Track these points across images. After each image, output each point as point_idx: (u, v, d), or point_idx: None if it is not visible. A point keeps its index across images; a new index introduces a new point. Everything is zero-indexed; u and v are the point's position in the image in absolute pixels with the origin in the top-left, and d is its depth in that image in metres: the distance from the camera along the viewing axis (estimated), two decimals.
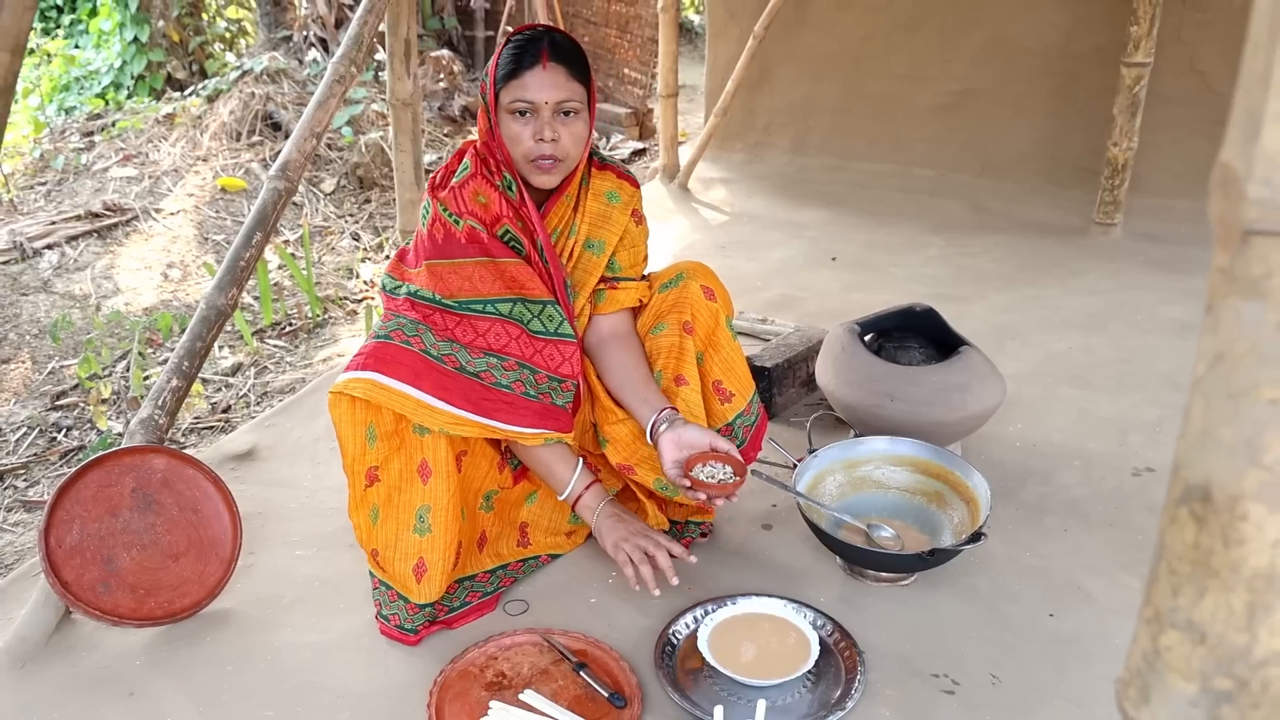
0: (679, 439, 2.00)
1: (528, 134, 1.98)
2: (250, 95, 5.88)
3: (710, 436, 2.00)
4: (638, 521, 2.09)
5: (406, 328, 1.95)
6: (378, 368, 1.90)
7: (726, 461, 1.99)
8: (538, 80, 1.96)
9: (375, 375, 1.89)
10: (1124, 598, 2.16)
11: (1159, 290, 3.84)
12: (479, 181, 2.04)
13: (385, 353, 1.91)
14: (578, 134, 2.03)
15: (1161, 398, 3.02)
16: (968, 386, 2.49)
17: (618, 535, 2.05)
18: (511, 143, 2.00)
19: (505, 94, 1.98)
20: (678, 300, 2.19)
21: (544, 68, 1.96)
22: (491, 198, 2.04)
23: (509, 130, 2.00)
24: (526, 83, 1.96)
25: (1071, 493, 2.55)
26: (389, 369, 1.89)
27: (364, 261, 4.97)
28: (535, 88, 1.96)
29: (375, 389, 1.88)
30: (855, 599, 2.16)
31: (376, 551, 2.01)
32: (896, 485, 2.39)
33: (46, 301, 4.37)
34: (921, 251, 4.39)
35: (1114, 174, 4.29)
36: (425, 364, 1.91)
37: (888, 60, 5.20)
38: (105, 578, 2.07)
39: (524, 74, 1.96)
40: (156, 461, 2.19)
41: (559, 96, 1.98)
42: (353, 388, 1.88)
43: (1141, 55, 4.04)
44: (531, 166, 2.02)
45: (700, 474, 1.97)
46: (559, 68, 1.98)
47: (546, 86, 1.96)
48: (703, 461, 1.98)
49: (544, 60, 1.96)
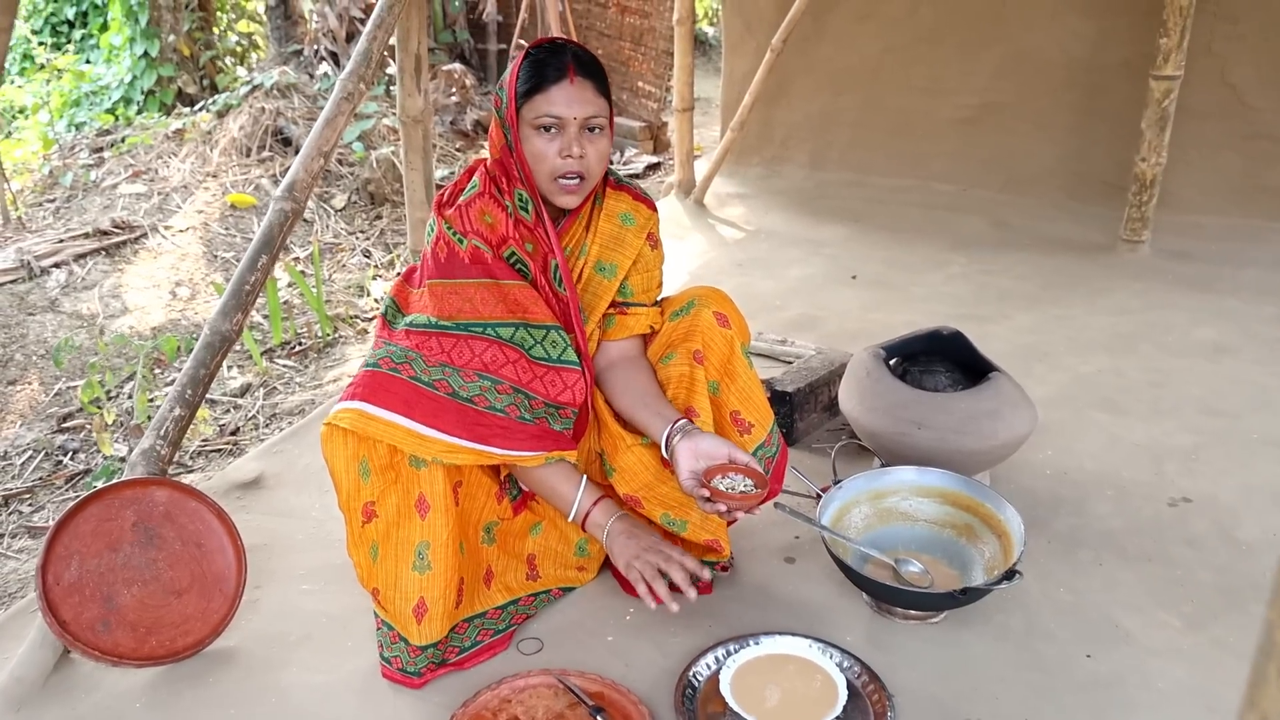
0: (696, 449, 1.91)
1: (553, 150, 1.91)
2: (260, 110, 5.84)
3: (729, 447, 1.92)
4: (650, 535, 1.98)
5: (395, 355, 1.88)
6: (366, 397, 1.82)
7: (747, 474, 1.91)
8: (565, 95, 1.89)
9: (363, 405, 1.81)
10: (1164, 637, 2.07)
11: (1189, 310, 3.75)
12: (486, 200, 1.97)
13: (374, 381, 1.83)
14: (602, 151, 1.96)
15: (1196, 424, 2.93)
16: (998, 414, 2.41)
17: (629, 553, 1.94)
18: (535, 160, 1.93)
19: (529, 109, 1.91)
20: (689, 329, 2.11)
21: (571, 82, 1.89)
22: (498, 218, 1.96)
23: (533, 147, 1.92)
24: (553, 97, 1.89)
25: (1106, 524, 2.46)
26: (378, 398, 1.81)
27: (375, 279, 4.91)
28: (563, 103, 1.89)
29: (364, 420, 1.80)
30: (883, 638, 2.08)
31: (378, 590, 1.94)
32: (925, 517, 2.31)
33: (54, 321, 4.31)
34: (943, 269, 4.31)
35: (1142, 190, 4.20)
36: (415, 391, 1.83)
37: (908, 73, 5.14)
38: (105, 616, 1.99)
39: (550, 88, 1.89)
40: (158, 494, 2.12)
41: (587, 112, 1.91)
42: (341, 419, 1.81)
43: (1171, 68, 3.95)
44: (556, 185, 1.94)
45: (720, 485, 1.88)
46: (586, 82, 1.91)
47: (575, 101, 1.89)
48: (722, 474, 1.90)
49: (570, 74, 1.89)
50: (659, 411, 2.01)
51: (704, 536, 2.14)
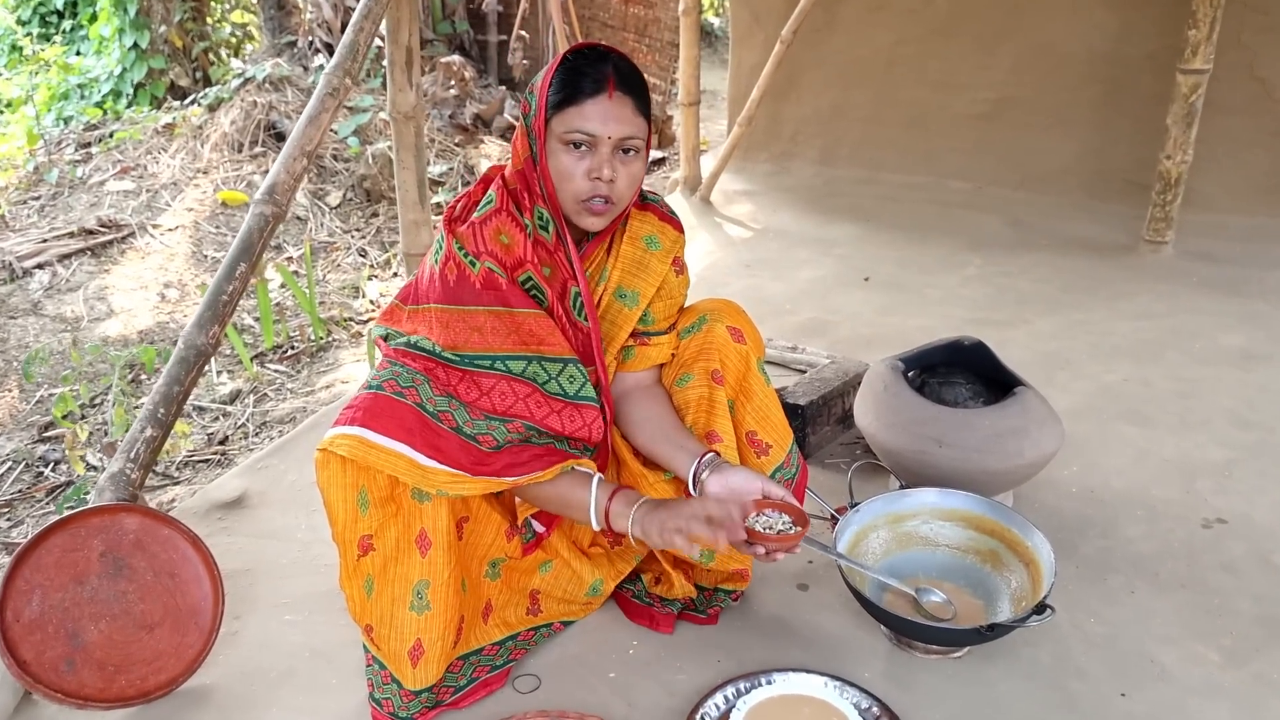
0: (727, 484, 1.78)
1: (581, 170, 1.74)
2: (252, 104, 5.70)
3: (761, 480, 1.78)
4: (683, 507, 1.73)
5: (402, 378, 1.73)
6: (367, 423, 1.67)
7: (783, 509, 1.77)
8: (601, 110, 1.72)
9: (364, 431, 1.66)
10: (1203, 674, 1.95)
11: (1216, 315, 3.63)
12: (503, 219, 1.79)
13: (376, 405, 1.68)
14: (635, 175, 1.80)
15: (1228, 437, 2.81)
16: (1025, 432, 2.28)
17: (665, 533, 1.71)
18: (560, 177, 1.76)
19: (559, 121, 1.74)
20: (703, 346, 1.96)
21: (610, 97, 1.72)
22: (516, 239, 1.79)
23: (559, 163, 1.75)
24: (587, 112, 1.72)
25: (1137, 547, 2.34)
26: (379, 424, 1.66)
27: (370, 279, 4.77)
28: (598, 119, 1.72)
29: (364, 447, 1.65)
30: (903, 674, 1.96)
31: (371, 627, 1.80)
32: (947, 542, 2.18)
33: (36, 325, 4.18)
34: (958, 271, 4.19)
35: (1166, 188, 4.09)
36: (419, 419, 1.69)
37: (922, 67, 5.05)
38: (70, 654, 1.87)
39: (585, 102, 1.72)
40: (128, 521, 1.99)
41: (623, 132, 1.74)
42: (339, 445, 1.66)
43: (1200, 61, 3.84)
44: (581, 207, 1.78)
45: (756, 525, 1.74)
46: (626, 98, 1.74)
47: (611, 119, 1.72)
48: (756, 511, 1.76)
49: (610, 88, 1.72)
50: (682, 445, 1.87)
51: (732, 565, 2.04)
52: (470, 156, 6.16)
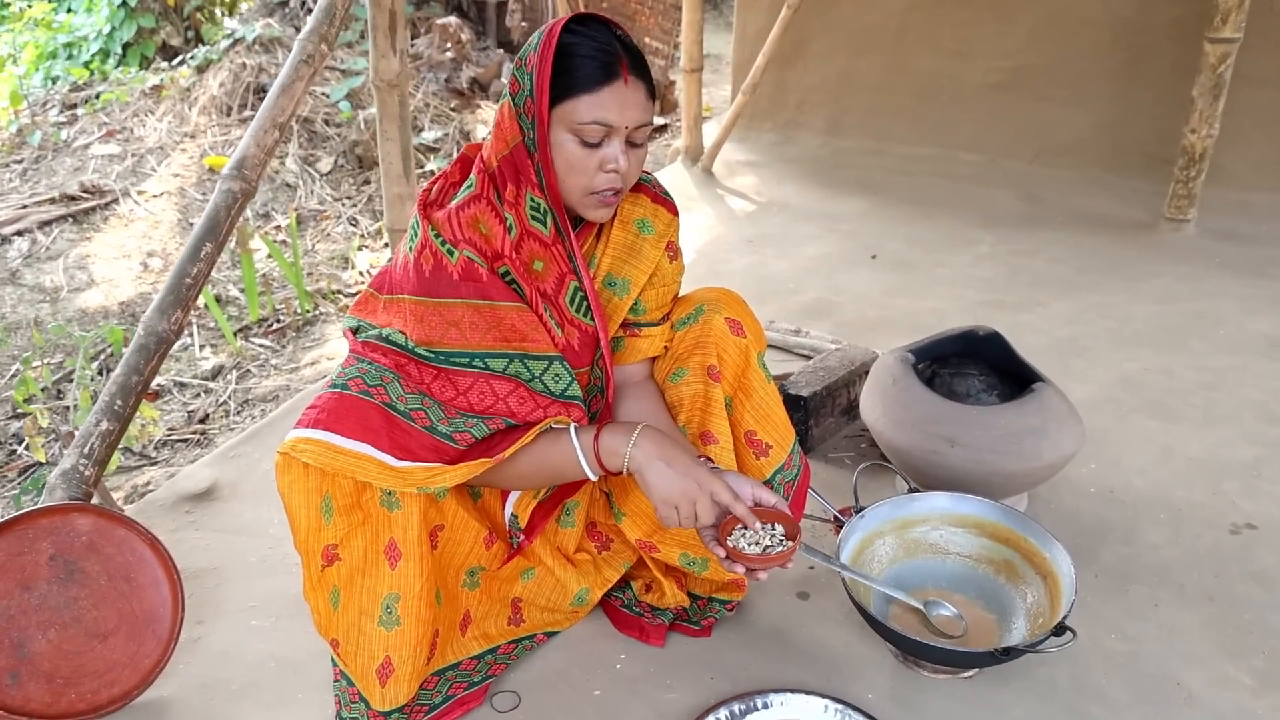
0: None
1: (595, 162, 1.60)
2: (241, 66, 5.52)
3: (753, 487, 1.65)
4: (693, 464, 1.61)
5: (369, 375, 1.58)
6: (331, 425, 1.53)
7: (775, 519, 1.64)
8: (619, 99, 1.57)
9: (329, 436, 1.52)
10: (1235, 700, 1.83)
11: (1241, 299, 3.48)
12: (482, 206, 1.64)
13: (341, 406, 1.54)
14: (641, 160, 1.67)
15: (1256, 433, 2.67)
16: (1044, 432, 2.15)
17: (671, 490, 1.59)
18: (568, 170, 1.61)
19: (569, 110, 1.57)
20: (700, 339, 1.81)
21: (625, 83, 1.57)
22: (494, 230, 1.64)
23: (568, 154, 1.60)
24: (605, 101, 1.56)
25: (1160, 555, 2.21)
26: (344, 427, 1.53)
27: (361, 249, 4.61)
28: (616, 108, 1.57)
29: (330, 453, 1.51)
30: (909, 696, 1.84)
31: (337, 642, 1.66)
32: (958, 551, 2.06)
33: (14, 295, 4.04)
34: (970, 249, 4.04)
35: (1190, 163, 3.93)
36: (387, 419, 1.55)
37: (934, 34, 4.91)
38: (14, 666, 1.77)
39: (600, 89, 1.56)
40: (81, 522, 1.87)
41: (639, 120, 1.60)
42: (301, 451, 1.52)
43: (1230, 29, 3.66)
44: (592, 199, 1.63)
45: (740, 542, 1.60)
46: (639, 84, 1.59)
47: (629, 107, 1.58)
48: (740, 524, 1.62)
49: (624, 74, 1.57)
50: None
51: (726, 575, 1.91)
52: (466, 122, 5.99)
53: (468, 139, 5.79)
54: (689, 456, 1.62)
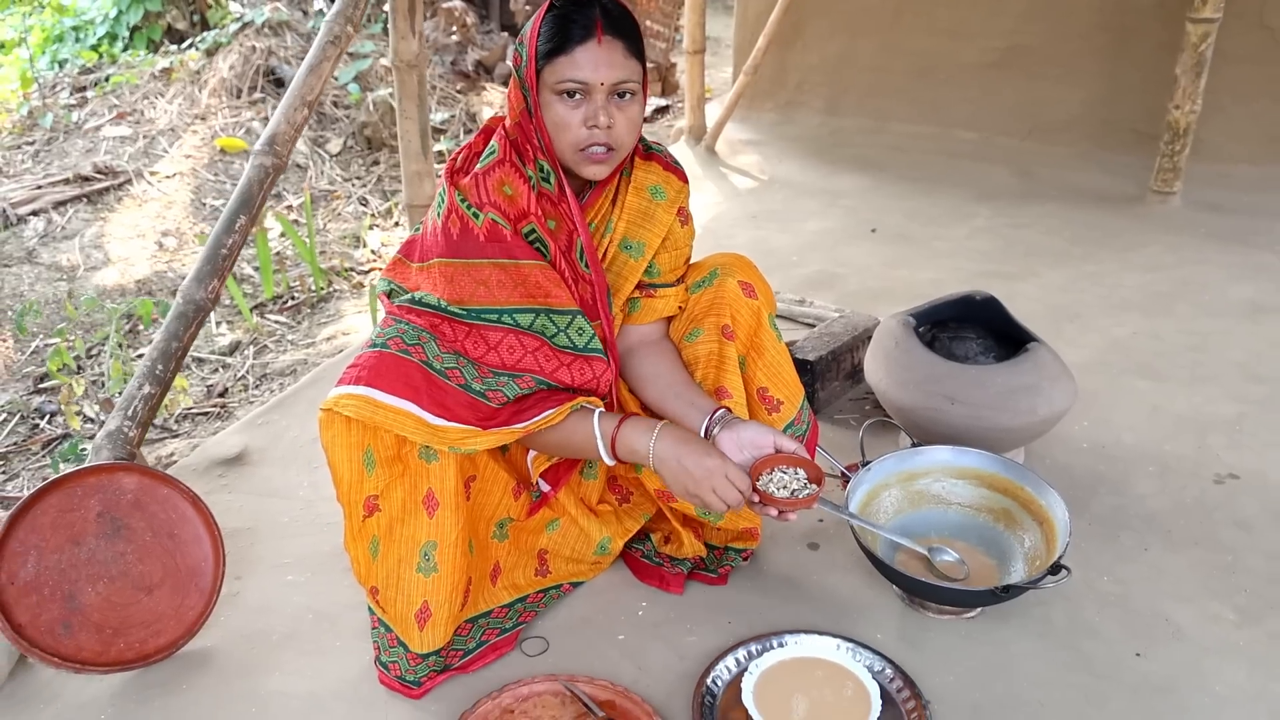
0: (739, 440, 1.77)
1: (577, 119, 1.70)
2: (251, 49, 5.59)
3: (774, 435, 1.77)
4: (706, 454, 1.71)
5: (407, 335, 1.69)
6: (373, 382, 1.63)
7: (797, 464, 1.75)
8: (591, 57, 1.67)
9: (370, 391, 1.63)
10: (1218, 633, 1.95)
11: (1225, 266, 3.61)
12: (506, 169, 1.75)
13: (382, 364, 1.65)
14: (633, 119, 1.75)
15: (1239, 391, 2.79)
16: (1038, 389, 2.26)
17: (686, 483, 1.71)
18: (557, 129, 1.72)
19: (550, 72, 1.69)
20: (714, 301, 1.92)
21: (599, 42, 1.67)
22: (519, 190, 1.75)
23: (555, 114, 1.71)
24: (578, 60, 1.67)
25: (1148, 504, 2.33)
26: (385, 383, 1.63)
27: (371, 229, 4.71)
28: (589, 66, 1.67)
29: (370, 406, 1.62)
30: (916, 635, 1.95)
31: (376, 589, 1.78)
32: (960, 501, 2.16)
33: (31, 273, 4.12)
34: (967, 222, 4.16)
35: (1175, 138, 4.06)
36: (425, 377, 1.66)
37: (930, 14, 4.99)
38: (66, 617, 1.84)
39: (574, 49, 1.67)
40: (126, 481, 1.95)
41: (616, 76, 1.69)
42: (345, 405, 1.62)
43: (1210, 10, 3.80)
44: (581, 156, 1.73)
45: (770, 485, 1.72)
46: (615, 42, 1.69)
47: (602, 65, 1.68)
48: (768, 469, 1.74)
49: (598, 33, 1.67)
50: (692, 401, 1.85)
51: (741, 524, 2.04)
52: (472, 104, 6.06)
53: (474, 121, 5.87)
54: (703, 448, 1.71)
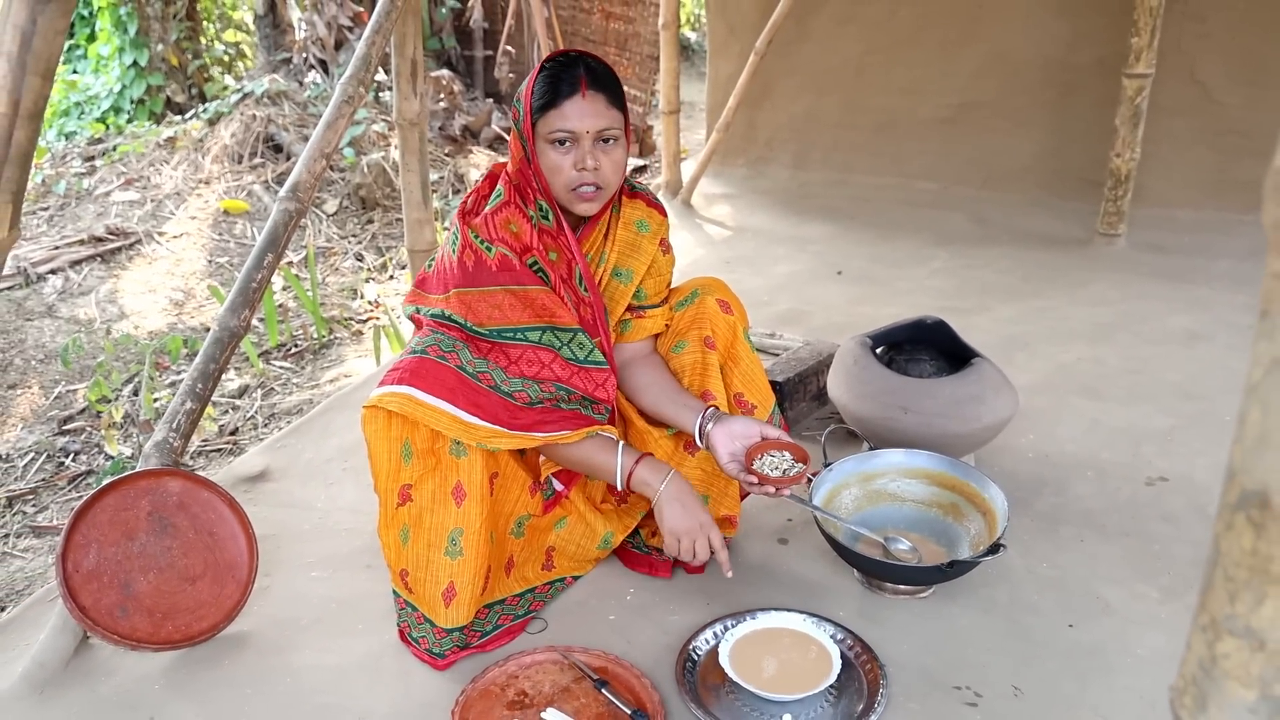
0: (730, 431, 2.03)
1: (568, 163, 1.96)
2: (251, 118, 5.88)
3: (759, 425, 2.04)
4: (702, 511, 2.02)
5: (444, 343, 1.94)
6: (414, 382, 1.88)
7: (782, 448, 2.01)
8: (578, 109, 1.93)
9: (411, 390, 1.88)
10: (1143, 608, 2.14)
11: (1165, 300, 3.83)
12: (511, 210, 2.01)
13: (422, 368, 1.90)
14: (617, 161, 2.01)
15: (1172, 407, 3.01)
16: (981, 398, 2.49)
17: (679, 525, 2.00)
18: (551, 173, 1.98)
19: (543, 124, 1.96)
20: (696, 316, 2.20)
21: (583, 96, 1.93)
22: (523, 228, 2.02)
23: (549, 160, 1.97)
24: (566, 112, 1.93)
25: (1086, 503, 2.54)
26: (425, 384, 1.88)
27: (368, 281, 4.97)
28: (575, 117, 1.93)
29: (411, 404, 1.86)
30: (874, 612, 2.15)
31: (406, 572, 2.00)
32: (912, 498, 2.38)
33: (52, 326, 4.36)
34: (926, 264, 4.38)
35: (1117, 184, 4.27)
36: (460, 380, 1.90)
37: (889, 74, 5.20)
38: (123, 602, 2.05)
39: (563, 103, 1.93)
40: (172, 484, 2.18)
41: (600, 125, 1.95)
42: (388, 402, 1.87)
43: (1143, 66, 4.03)
44: (573, 195, 1.99)
45: (764, 466, 1.98)
46: (598, 95, 1.95)
47: (587, 115, 1.94)
48: (760, 453, 2.00)
49: (583, 88, 1.93)
50: (684, 404, 2.12)
51: (723, 511, 2.28)
52: (459, 165, 6.36)
53: (461, 181, 6.15)
54: (700, 504, 2.02)
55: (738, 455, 2.01)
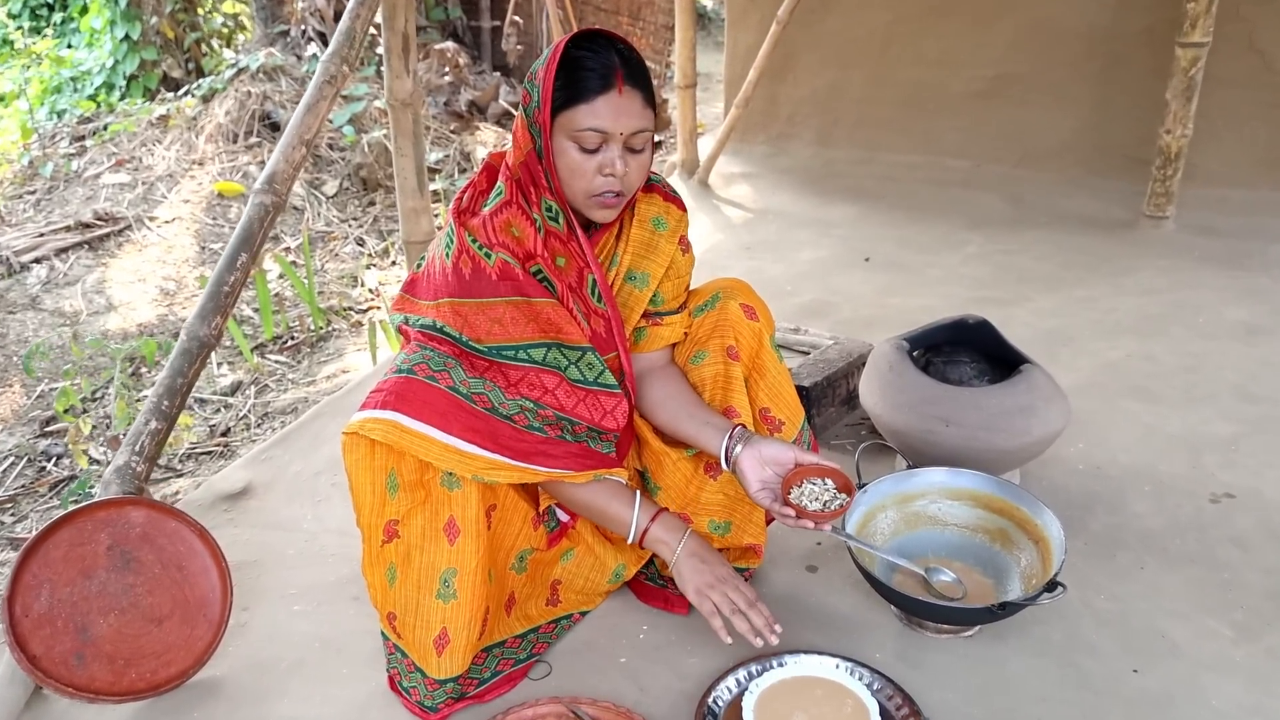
0: (760, 456, 1.81)
1: (593, 167, 1.72)
2: (246, 94, 5.68)
3: (794, 450, 1.82)
4: (723, 564, 1.86)
5: (434, 361, 1.71)
6: (399, 407, 1.65)
7: (821, 474, 1.81)
8: (612, 108, 1.68)
9: (397, 416, 1.65)
10: (1215, 648, 1.95)
11: (1218, 289, 3.63)
12: (513, 211, 1.78)
13: (408, 390, 1.67)
14: (644, 165, 1.78)
15: (1234, 411, 2.81)
16: (1032, 409, 2.28)
17: (702, 580, 1.82)
18: (571, 173, 1.73)
19: (567, 118, 1.70)
20: (717, 324, 1.96)
21: (619, 93, 1.68)
22: (526, 232, 1.78)
23: (569, 159, 1.72)
24: (599, 109, 1.68)
25: (1145, 523, 2.34)
26: (412, 409, 1.65)
27: (369, 268, 4.76)
28: (610, 116, 1.68)
29: (397, 432, 1.64)
30: (914, 654, 1.96)
31: (394, 615, 1.80)
32: (956, 522, 2.18)
33: (35, 319, 4.17)
34: (959, 250, 4.20)
35: (1166, 163, 4.09)
36: (453, 403, 1.68)
37: (918, 45, 5.04)
38: (79, 648, 1.86)
39: (595, 99, 1.68)
40: (134, 514, 1.98)
41: (635, 126, 1.71)
42: (370, 429, 1.64)
43: (1199, 34, 3.83)
44: (593, 201, 1.76)
45: (803, 497, 1.78)
46: (635, 93, 1.71)
47: (623, 115, 1.69)
48: (798, 481, 1.79)
49: (619, 84, 1.68)
50: (707, 421, 1.89)
51: (746, 540, 2.06)
52: (466, 143, 6.15)
53: (468, 160, 5.94)
54: (720, 558, 1.86)
55: (770, 484, 1.80)
